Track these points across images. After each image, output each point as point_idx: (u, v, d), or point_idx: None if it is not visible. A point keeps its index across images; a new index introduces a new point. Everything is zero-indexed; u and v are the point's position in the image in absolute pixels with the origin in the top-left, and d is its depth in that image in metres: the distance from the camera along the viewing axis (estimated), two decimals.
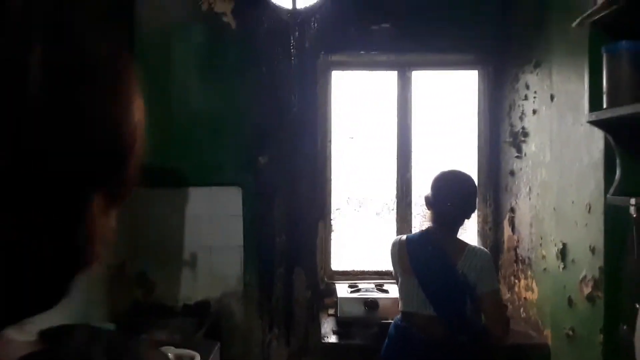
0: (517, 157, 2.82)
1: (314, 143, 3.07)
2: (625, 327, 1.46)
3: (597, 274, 1.81)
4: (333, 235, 3.18)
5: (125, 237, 2.74)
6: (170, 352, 2.08)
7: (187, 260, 2.94)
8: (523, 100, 2.76)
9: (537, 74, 2.62)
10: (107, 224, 0.45)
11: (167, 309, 2.76)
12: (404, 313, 2.17)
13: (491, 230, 3.10)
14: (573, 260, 1.98)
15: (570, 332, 1.97)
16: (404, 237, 2.25)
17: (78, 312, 2.31)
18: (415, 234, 2.29)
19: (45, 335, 0.46)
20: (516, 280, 2.80)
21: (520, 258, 2.76)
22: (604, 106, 1.59)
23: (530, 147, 2.70)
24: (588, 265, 1.87)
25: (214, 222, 2.97)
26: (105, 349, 0.45)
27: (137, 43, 2.95)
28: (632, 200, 1.48)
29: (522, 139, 2.76)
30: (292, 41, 3.04)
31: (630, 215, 1.49)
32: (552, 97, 2.18)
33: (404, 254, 2.16)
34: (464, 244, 2.11)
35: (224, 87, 3.00)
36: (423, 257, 2.13)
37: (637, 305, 1.31)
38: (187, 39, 2.99)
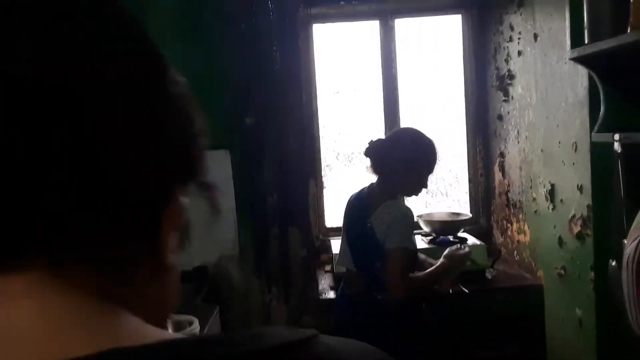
0: (504, 100, 2.79)
1: (299, 99, 3.02)
2: (614, 263, 1.46)
3: (585, 212, 1.81)
4: (325, 192, 3.17)
5: None
6: (169, 318, 2.09)
7: None
8: (508, 42, 2.71)
9: (520, 14, 2.56)
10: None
11: None
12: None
13: (482, 176, 3.09)
14: (562, 201, 1.97)
15: (562, 272, 1.99)
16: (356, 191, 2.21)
17: None
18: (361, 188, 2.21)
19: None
20: (508, 224, 2.82)
21: (512, 202, 2.77)
22: (586, 41, 1.55)
23: (516, 89, 2.66)
24: (577, 204, 1.87)
25: None
26: None
27: None
28: (616, 136, 1.46)
29: (509, 81, 2.72)
30: None
31: (615, 151, 1.48)
32: (535, 37, 2.12)
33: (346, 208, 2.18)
34: (384, 199, 1.98)
35: (203, 48, 2.92)
36: (348, 211, 2.13)
37: (625, 241, 1.31)
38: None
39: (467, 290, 2.38)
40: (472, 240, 2.69)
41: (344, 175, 3.20)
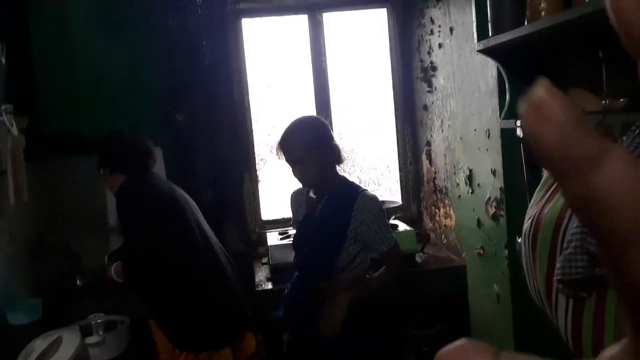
0: (428, 91, 2.90)
1: (231, 94, 3.03)
2: (519, 240, 1.57)
3: (499, 194, 1.94)
4: (260, 185, 3.20)
5: (42, 209, 2.66)
6: (100, 318, 2.08)
7: (113, 227, 2.88)
8: (429, 35, 2.82)
9: (439, 8, 2.67)
10: None
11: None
12: None
13: (411, 164, 3.21)
14: (479, 185, 2.10)
15: (481, 251, 2.11)
16: None
17: (1, 290, 2.25)
18: None
19: None
20: (436, 210, 2.94)
21: (439, 188, 2.90)
22: (490, 34, 1.65)
23: (439, 80, 2.78)
24: (491, 187, 1.99)
25: None
26: None
27: (30, 7, 2.77)
28: (518, 122, 1.57)
29: (432, 73, 2.84)
30: None
31: (517, 136, 1.59)
32: (451, 30, 2.24)
33: None
34: None
35: (131, 45, 2.88)
36: None
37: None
38: None
39: None
40: (402, 226, 2.80)
41: (278, 169, 3.24)
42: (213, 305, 1.97)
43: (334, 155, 1.85)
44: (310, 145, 1.79)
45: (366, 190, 1.85)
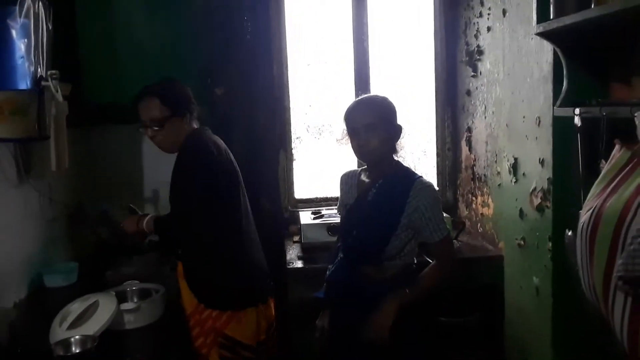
0: (472, 76, 2.82)
1: (270, 71, 3.00)
2: (570, 232, 1.52)
3: (546, 185, 1.88)
4: (294, 164, 3.18)
5: (82, 176, 2.69)
6: (135, 285, 2.10)
7: (149, 197, 2.91)
8: (478, 17, 2.73)
9: None
10: None
11: (133, 246, 2.75)
12: None
13: (450, 150, 3.15)
14: (524, 174, 2.04)
15: (522, 242, 2.06)
16: None
17: (39, 252, 2.29)
18: None
19: None
20: (473, 198, 2.88)
21: (477, 176, 2.83)
22: (551, 17, 1.58)
23: (485, 65, 2.69)
24: (538, 177, 1.93)
25: (173, 157, 2.92)
26: None
27: None
28: (577, 110, 1.51)
29: (478, 57, 2.76)
30: None
31: (575, 125, 1.53)
32: (504, 12, 2.16)
33: None
34: None
35: (171, 17, 2.87)
36: None
37: (581, 212, 1.36)
38: None
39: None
40: None
41: (313, 148, 3.21)
42: (243, 267, 2.01)
43: (397, 137, 1.79)
44: (382, 115, 1.74)
45: (422, 177, 1.77)
